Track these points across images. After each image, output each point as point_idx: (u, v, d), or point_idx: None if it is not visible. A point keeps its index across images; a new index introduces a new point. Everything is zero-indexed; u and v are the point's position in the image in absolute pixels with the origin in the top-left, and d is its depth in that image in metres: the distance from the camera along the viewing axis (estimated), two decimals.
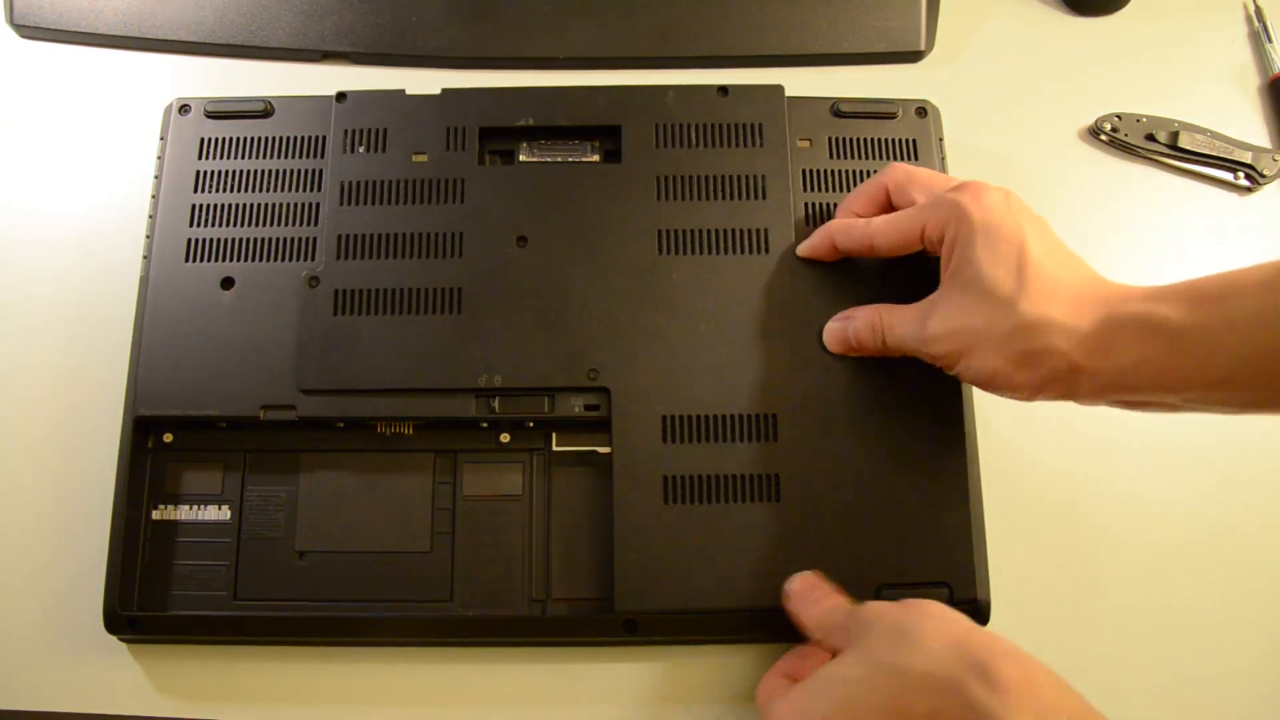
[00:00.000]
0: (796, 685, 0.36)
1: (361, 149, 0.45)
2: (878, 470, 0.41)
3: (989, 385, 0.37)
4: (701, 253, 0.44)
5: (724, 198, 0.44)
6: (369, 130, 0.45)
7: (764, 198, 0.45)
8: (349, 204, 0.44)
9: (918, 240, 0.39)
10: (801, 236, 0.44)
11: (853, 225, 0.41)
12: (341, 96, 0.46)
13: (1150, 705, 0.42)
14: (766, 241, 0.44)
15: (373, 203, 0.44)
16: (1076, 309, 0.34)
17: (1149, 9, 0.55)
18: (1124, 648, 0.43)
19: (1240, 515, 0.45)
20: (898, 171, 0.41)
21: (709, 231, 0.44)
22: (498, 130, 0.46)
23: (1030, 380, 0.35)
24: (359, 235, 0.44)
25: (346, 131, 0.45)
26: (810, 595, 0.38)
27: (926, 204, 0.39)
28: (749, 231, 0.44)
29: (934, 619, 0.34)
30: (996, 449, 0.44)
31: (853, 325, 0.41)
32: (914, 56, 0.53)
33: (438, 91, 0.47)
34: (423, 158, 0.45)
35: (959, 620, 0.34)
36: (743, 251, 0.44)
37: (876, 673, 0.33)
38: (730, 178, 0.45)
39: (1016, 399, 0.37)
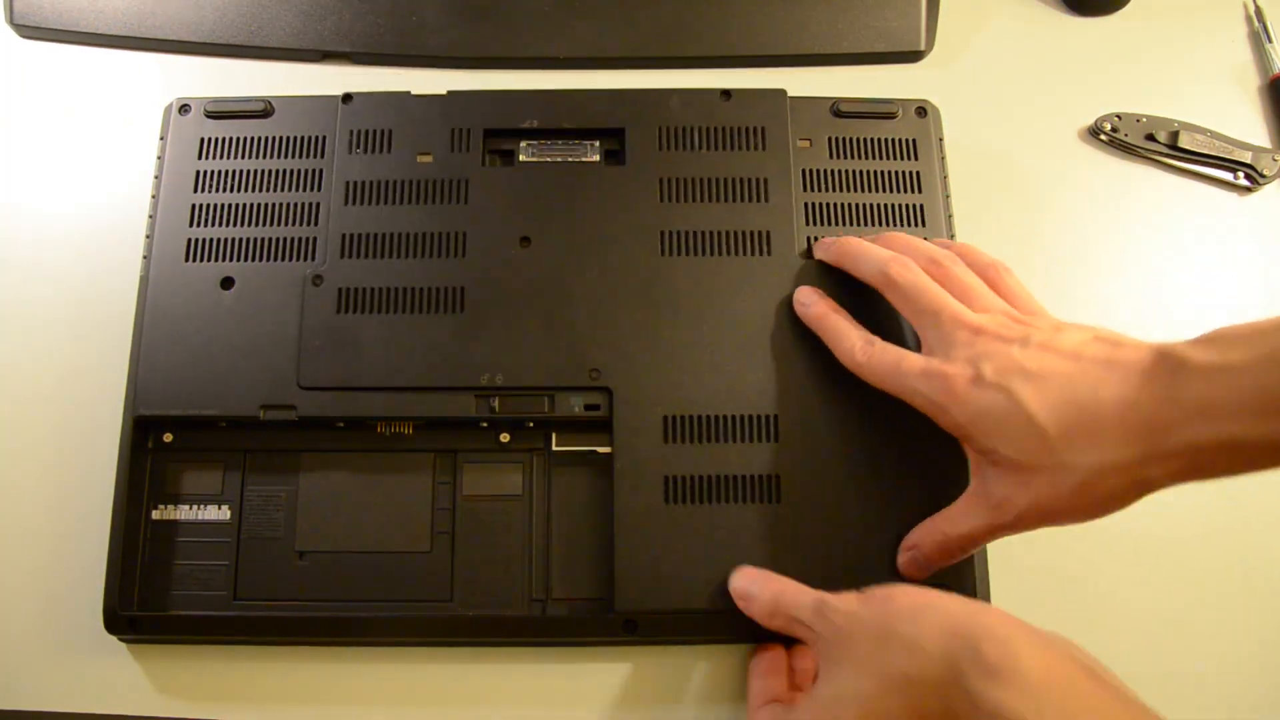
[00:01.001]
0: (799, 707, 0.35)
1: (360, 150, 0.45)
2: (878, 471, 0.41)
3: (1052, 522, 0.35)
4: (704, 254, 0.44)
5: (726, 200, 0.45)
6: (374, 131, 0.45)
7: (766, 200, 0.45)
8: (354, 204, 0.44)
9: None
10: (802, 242, 0.44)
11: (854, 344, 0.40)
12: (347, 98, 0.46)
13: (1151, 702, 0.42)
14: (768, 244, 0.44)
15: (377, 202, 0.44)
16: (1136, 442, 0.32)
17: (1149, 9, 0.55)
18: (1124, 647, 0.43)
19: (1240, 515, 0.45)
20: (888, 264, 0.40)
21: (711, 233, 0.44)
22: (502, 132, 0.46)
23: (1132, 499, 0.34)
24: (363, 234, 0.44)
25: (352, 132, 0.45)
26: (754, 584, 0.38)
27: (919, 379, 0.37)
28: (751, 234, 0.44)
29: (914, 616, 0.32)
30: None
31: (922, 553, 0.39)
32: (914, 56, 0.53)
33: (439, 91, 0.47)
34: (427, 158, 0.45)
35: (936, 605, 0.32)
36: (745, 253, 0.44)
37: (887, 685, 0.32)
38: (732, 180, 0.45)
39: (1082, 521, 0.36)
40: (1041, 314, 0.39)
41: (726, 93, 0.46)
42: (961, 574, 0.40)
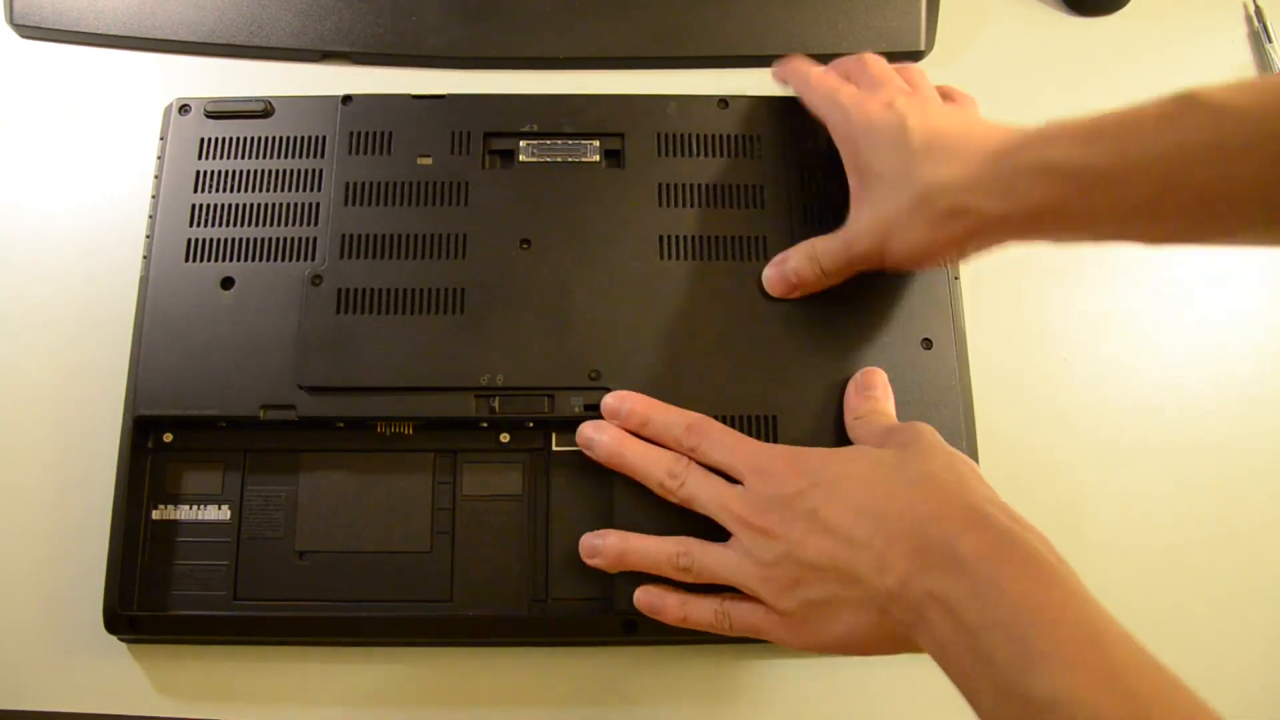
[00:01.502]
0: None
1: (360, 152, 0.45)
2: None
3: (920, 261, 0.39)
4: (702, 258, 0.44)
5: (724, 206, 0.45)
6: (374, 133, 0.45)
7: (763, 207, 0.45)
8: (354, 204, 0.44)
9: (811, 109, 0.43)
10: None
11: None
12: (348, 99, 0.46)
13: None
14: (765, 249, 0.44)
15: (377, 204, 0.44)
16: (971, 163, 0.35)
17: (1149, 9, 0.55)
18: None
19: (1240, 515, 0.46)
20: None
21: (709, 238, 0.44)
22: (502, 134, 0.46)
23: (950, 240, 0.37)
24: (363, 235, 0.44)
25: (352, 134, 0.45)
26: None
27: (825, 105, 0.42)
28: (748, 239, 0.44)
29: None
30: (996, 449, 0.44)
31: (790, 264, 0.42)
32: (914, 56, 0.53)
33: (439, 91, 0.47)
34: (428, 160, 0.45)
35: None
36: (742, 258, 0.44)
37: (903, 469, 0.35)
38: (730, 187, 0.45)
39: (949, 264, 0.40)
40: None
41: (724, 101, 0.47)
42: None
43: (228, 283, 0.43)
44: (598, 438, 0.40)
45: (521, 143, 0.46)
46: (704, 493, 0.38)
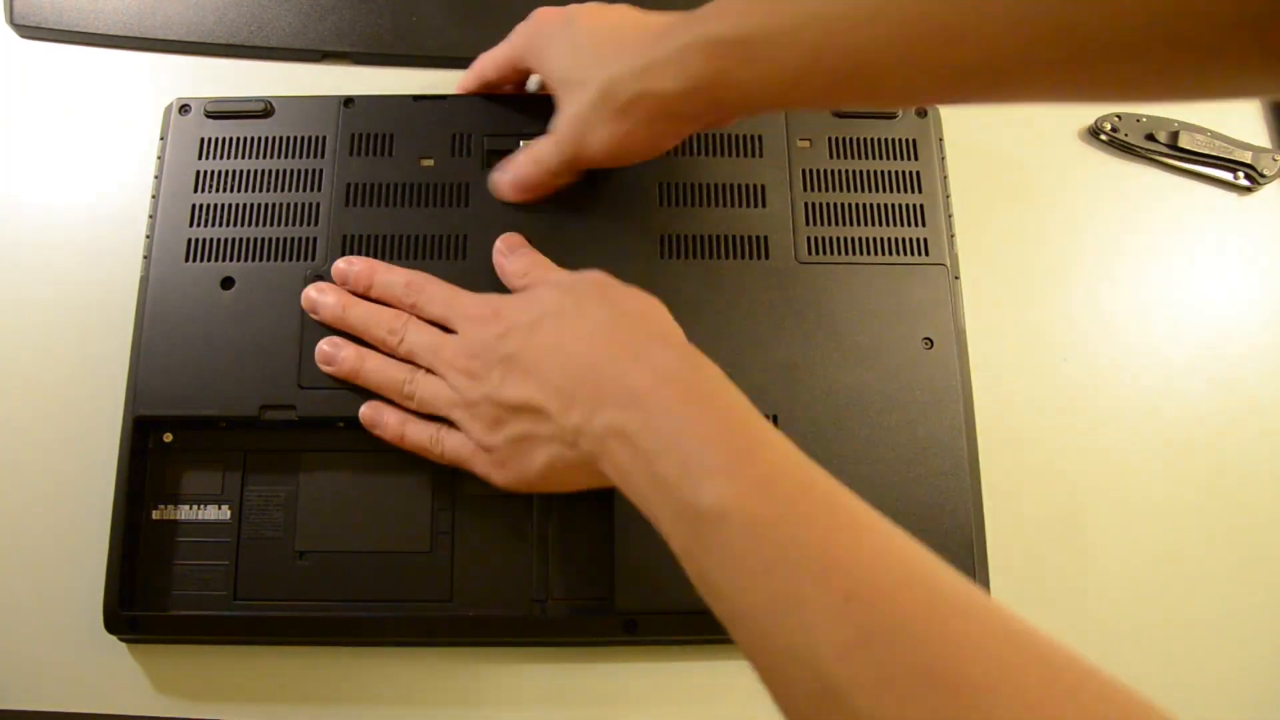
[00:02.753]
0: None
1: (361, 154, 0.45)
2: (878, 470, 0.41)
3: (617, 155, 0.40)
4: (703, 258, 0.44)
5: (725, 205, 0.45)
6: (375, 135, 0.45)
7: (764, 206, 0.45)
8: (354, 205, 0.44)
9: (513, 69, 0.45)
10: (802, 240, 0.44)
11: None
12: (349, 101, 0.46)
13: (1150, 705, 0.42)
14: (766, 248, 0.44)
15: (378, 205, 0.44)
16: (642, 50, 0.37)
17: None
18: (1124, 647, 0.43)
19: (1240, 515, 0.45)
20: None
21: (710, 237, 0.44)
22: (502, 135, 0.46)
23: (636, 129, 0.39)
24: (364, 236, 0.44)
25: (353, 136, 0.45)
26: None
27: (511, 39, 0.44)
28: (749, 238, 0.44)
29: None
30: (996, 449, 0.44)
31: (516, 169, 0.43)
32: None
33: (438, 91, 0.47)
34: (429, 162, 0.45)
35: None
36: (743, 257, 0.44)
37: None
38: (731, 186, 0.45)
39: (647, 156, 0.41)
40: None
41: None
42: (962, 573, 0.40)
43: (228, 283, 0.43)
44: (321, 299, 0.42)
45: (522, 143, 0.46)
46: (420, 343, 0.40)
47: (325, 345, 0.41)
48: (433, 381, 0.40)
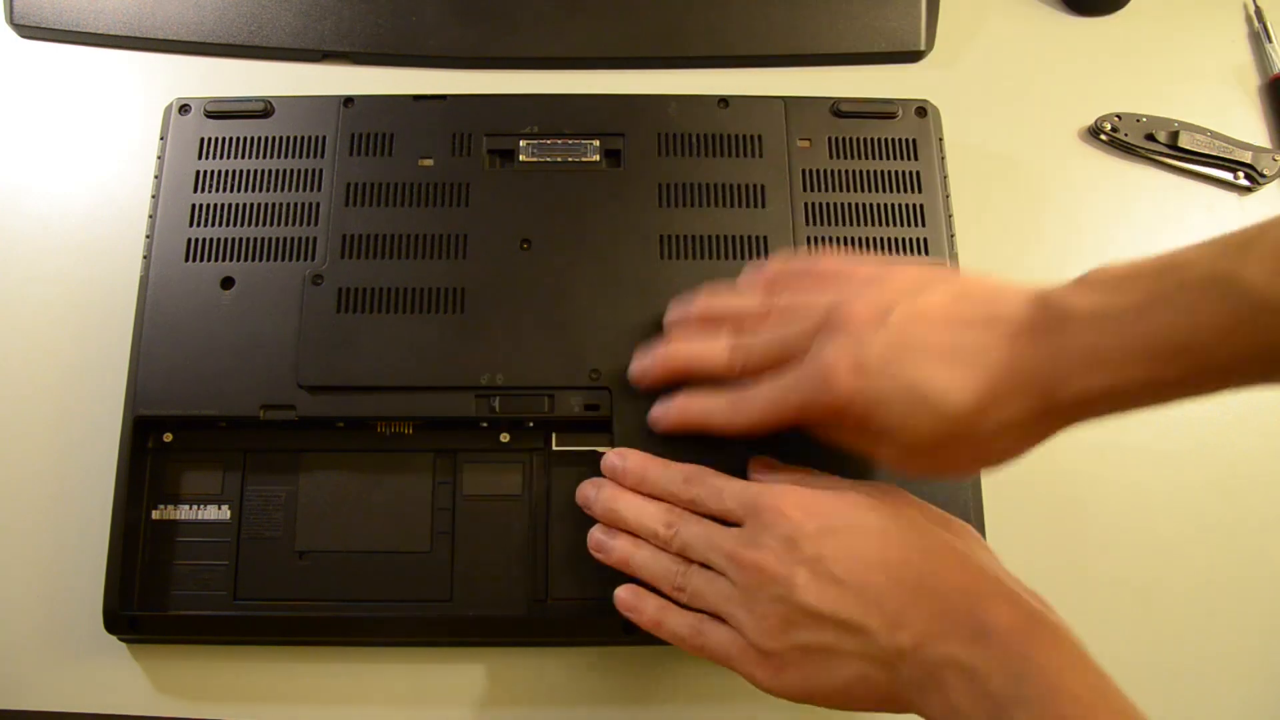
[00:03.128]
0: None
1: (361, 154, 0.45)
2: (877, 472, 0.41)
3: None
4: (702, 258, 0.44)
5: (725, 205, 0.45)
6: (375, 135, 0.45)
7: (764, 206, 0.45)
8: (355, 205, 0.44)
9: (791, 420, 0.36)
10: (802, 241, 0.44)
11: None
12: (349, 101, 0.46)
13: (1150, 704, 0.42)
14: (766, 248, 0.44)
15: (378, 204, 0.44)
16: (1016, 397, 0.31)
17: (1149, 9, 0.55)
18: (1124, 647, 0.43)
19: (1240, 515, 0.45)
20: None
21: (710, 238, 0.44)
22: (502, 135, 0.46)
23: (1010, 458, 0.34)
24: (364, 235, 0.44)
25: (353, 135, 0.45)
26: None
27: (797, 371, 0.35)
28: (749, 238, 0.44)
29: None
30: None
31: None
32: (914, 56, 0.53)
33: (439, 91, 0.47)
34: (429, 162, 0.45)
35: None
36: (743, 257, 0.44)
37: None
38: (731, 186, 0.45)
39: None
40: (872, 265, 0.37)
41: (724, 100, 0.47)
42: None
43: (228, 283, 0.43)
44: (596, 495, 0.39)
45: (522, 143, 0.46)
46: (695, 536, 0.36)
47: (599, 533, 0.39)
48: (709, 575, 0.36)
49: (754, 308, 0.39)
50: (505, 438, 0.43)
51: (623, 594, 0.38)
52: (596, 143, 0.46)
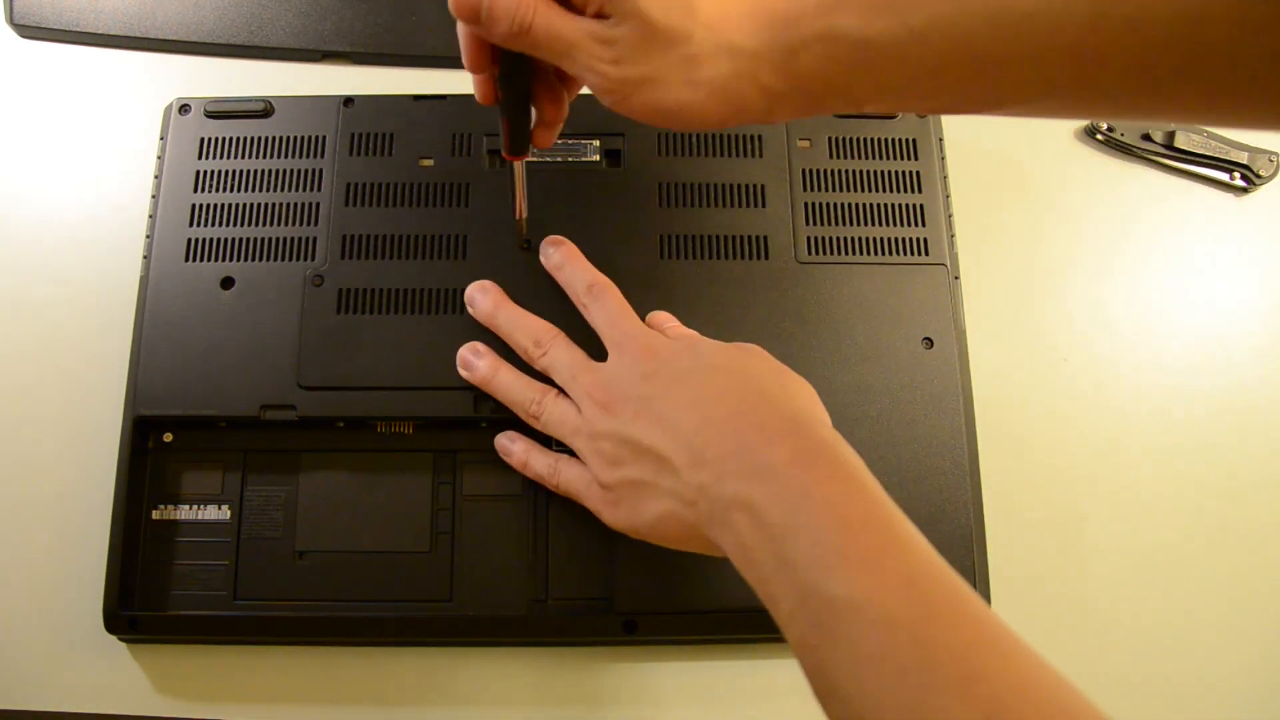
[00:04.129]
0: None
1: (361, 154, 0.45)
2: (878, 470, 0.41)
3: (673, 119, 0.34)
4: (703, 258, 0.44)
5: (725, 205, 0.45)
6: (375, 135, 0.45)
7: (764, 206, 0.45)
8: (355, 205, 0.44)
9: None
10: (802, 240, 0.44)
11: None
12: (349, 101, 0.46)
13: (1150, 704, 0.42)
14: (766, 248, 0.44)
15: (378, 205, 0.44)
16: (754, 31, 0.32)
17: None
18: (1124, 647, 0.43)
19: (1240, 516, 0.46)
20: None
21: (710, 237, 0.44)
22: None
23: (721, 109, 0.33)
24: (364, 235, 0.44)
25: (353, 135, 0.45)
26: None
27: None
28: (749, 238, 0.44)
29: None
30: (996, 448, 0.44)
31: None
32: None
33: (439, 91, 0.47)
34: (429, 162, 0.45)
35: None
36: (743, 257, 0.44)
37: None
38: (730, 186, 0.45)
39: (706, 129, 0.39)
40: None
41: None
42: (962, 574, 0.40)
43: (228, 283, 0.43)
44: (479, 295, 0.42)
45: None
46: (562, 362, 0.39)
47: (467, 351, 0.41)
48: (563, 405, 0.39)
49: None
50: None
51: (501, 439, 0.41)
52: (596, 143, 0.46)
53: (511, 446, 0.41)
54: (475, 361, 0.41)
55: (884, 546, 0.28)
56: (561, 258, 0.42)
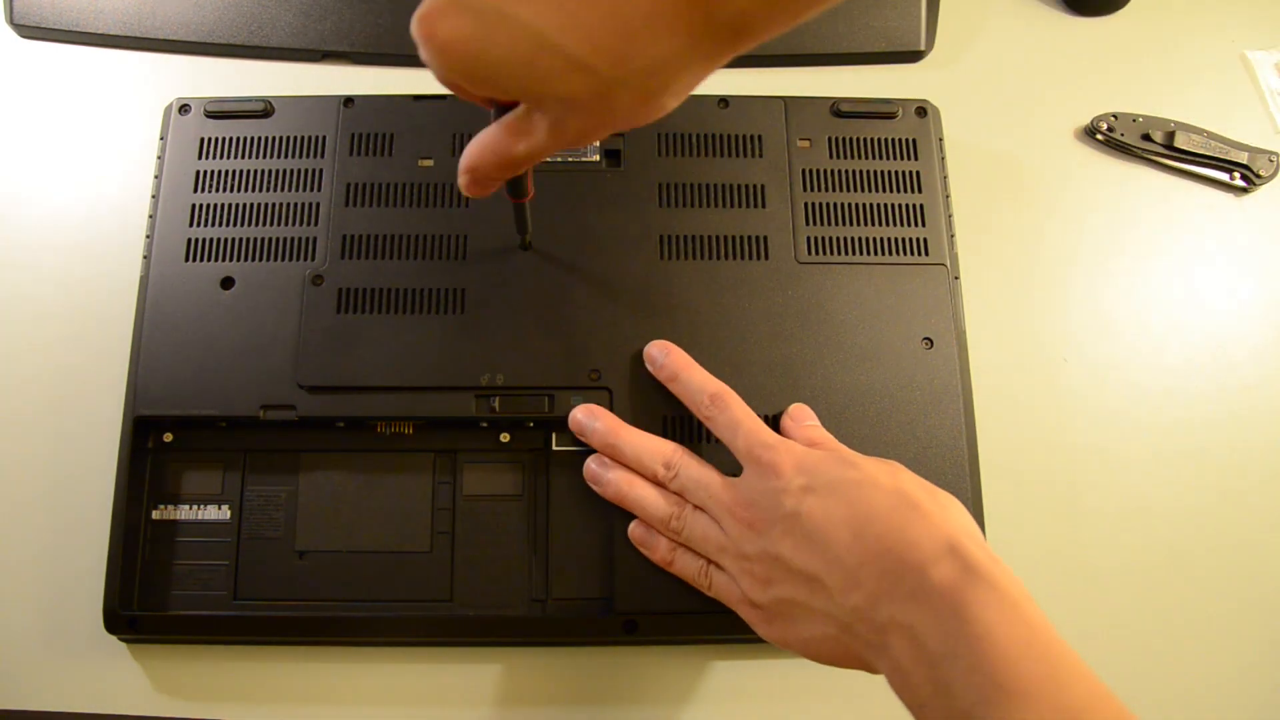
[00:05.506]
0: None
1: (361, 154, 0.45)
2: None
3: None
4: (703, 258, 0.44)
5: (725, 206, 0.45)
6: (376, 135, 0.45)
7: (764, 206, 0.45)
8: (355, 205, 0.44)
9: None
10: (802, 240, 0.44)
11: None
12: (349, 101, 0.46)
13: (1150, 705, 0.42)
14: (766, 248, 0.44)
15: (378, 205, 0.44)
16: (670, 29, 0.27)
17: (1149, 9, 0.55)
18: (1124, 647, 0.43)
19: (1239, 514, 0.46)
20: None
21: (710, 238, 0.44)
22: None
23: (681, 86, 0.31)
24: (364, 235, 0.44)
25: (353, 136, 0.45)
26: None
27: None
28: (749, 238, 0.44)
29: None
30: (996, 449, 0.44)
31: (482, 173, 0.32)
32: (914, 56, 0.53)
33: (438, 92, 0.47)
34: (429, 162, 0.45)
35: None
36: (743, 257, 0.44)
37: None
38: (731, 186, 0.45)
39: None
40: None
41: (724, 100, 0.47)
42: None
43: (228, 283, 0.43)
44: (590, 423, 0.40)
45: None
46: (694, 480, 0.38)
47: (594, 463, 0.40)
48: (703, 520, 0.37)
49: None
50: (505, 438, 0.43)
51: (636, 530, 0.39)
52: (596, 143, 0.46)
53: (654, 541, 0.39)
54: (604, 475, 0.40)
55: (1044, 676, 0.27)
56: (674, 368, 0.40)
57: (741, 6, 0.27)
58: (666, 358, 0.41)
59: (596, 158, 0.46)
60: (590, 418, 0.40)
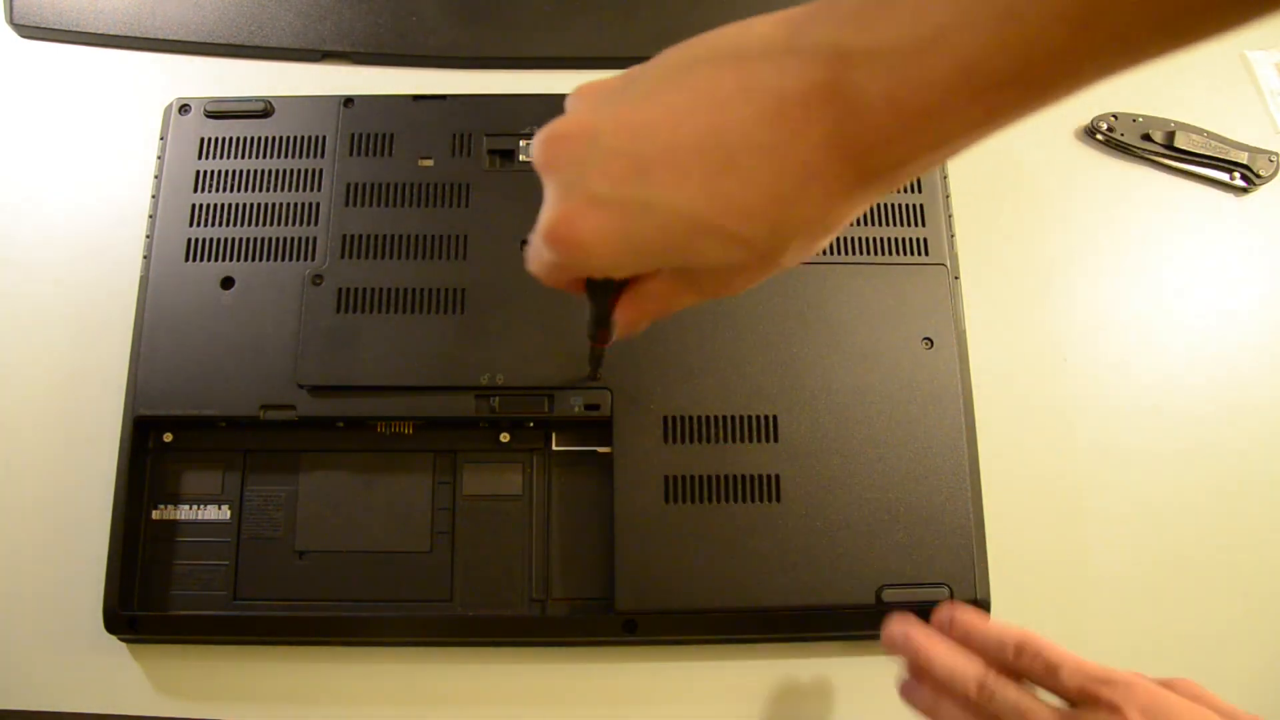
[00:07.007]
0: None
1: (361, 154, 0.45)
2: (878, 470, 0.41)
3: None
4: None
5: None
6: (375, 135, 0.45)
7: None
8: (354, 205, 0.44)
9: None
10: None
11: None
12: (349, 101, 0.46)
13: None
14: None
15: (378, 204, 0.44)
16: (826, 191, 0.27)
17: None
18: (1124, 647, 0.43)
19: (1239, 514, 0.46)
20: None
21: None
22: (502, 134, 0.46)
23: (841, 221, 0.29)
24: (364, 235, 0.44)
25: (353, 136, 0.45)
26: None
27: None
28: None
29: None
30: (996, 449, 0.44)
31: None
32: None
33: (439, 91, 0.47)
34: (429, 162, 0.45)
35: None
36: None
37: None
38: None
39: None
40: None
41: None
42: (962, 574, 0.40)
43: (228, 283, 0.43)
44: (905, 638, 0.37)
45: (522, 143, 0.46)
46: (1013, 710, 0.34)
47: (908, 689, 0.37)
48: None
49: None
50: (505, 438, 0.43)
51: (893, 631, 0.37)
52: None
53: (915, 695, 0.36)
54: (916, 692, 0.37)
55: None
56: (963, 629, 0.37)
57: (899, 157, 0.26)
58: (958, 611, 0.37)
59: None
60: (904, 629, 0.37)
